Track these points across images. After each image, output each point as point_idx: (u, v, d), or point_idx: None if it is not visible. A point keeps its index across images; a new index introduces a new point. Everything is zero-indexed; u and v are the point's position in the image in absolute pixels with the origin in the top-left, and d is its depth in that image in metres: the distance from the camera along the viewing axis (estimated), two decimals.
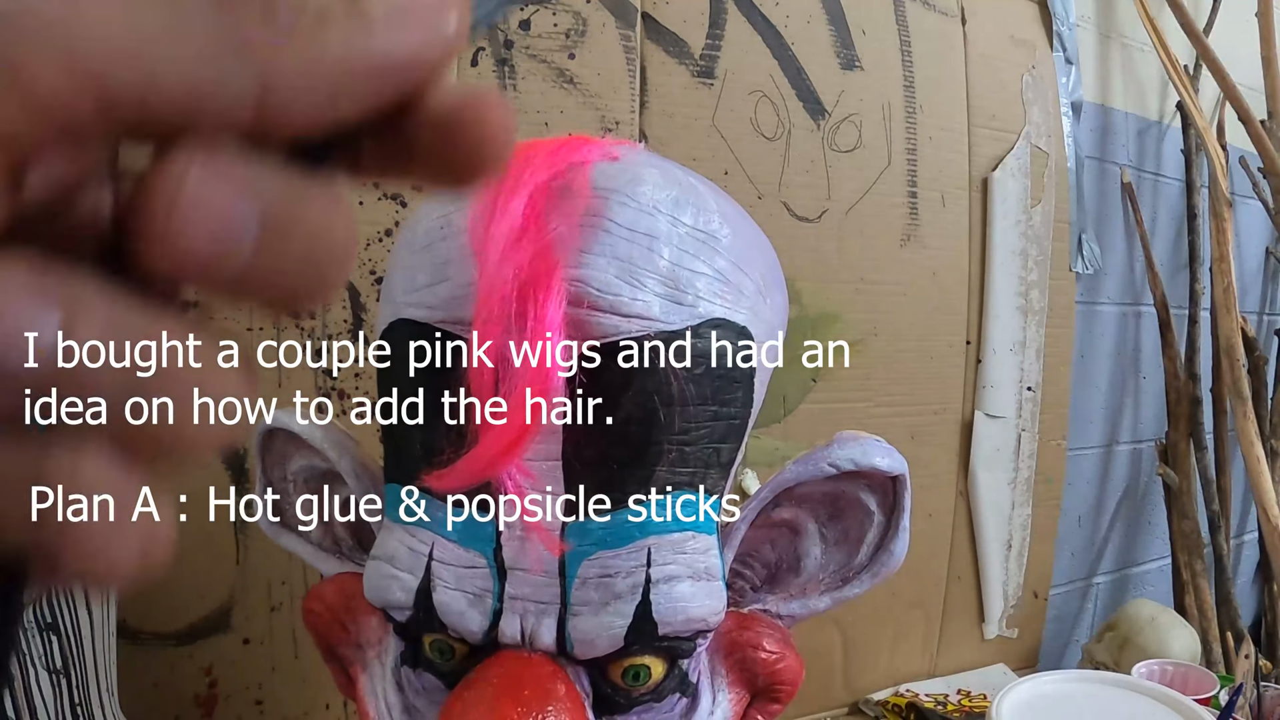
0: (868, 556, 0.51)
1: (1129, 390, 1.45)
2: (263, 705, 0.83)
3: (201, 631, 0.81)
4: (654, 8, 0.93)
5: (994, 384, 1.16)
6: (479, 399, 0.39)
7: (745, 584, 0.53)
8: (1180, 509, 1.34)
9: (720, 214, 0.46)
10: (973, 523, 1.17)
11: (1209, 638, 1.25)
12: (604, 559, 0.42)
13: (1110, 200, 1.36)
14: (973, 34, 1.14)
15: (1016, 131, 1.17)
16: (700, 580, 0.44)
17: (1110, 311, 1.39)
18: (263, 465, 0.56)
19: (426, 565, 0.43)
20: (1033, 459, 1.21)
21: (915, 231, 1.09)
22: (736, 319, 0.44)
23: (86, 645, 0.66)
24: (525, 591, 0.42)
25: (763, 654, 0.49)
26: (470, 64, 0.85)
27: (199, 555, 0.81)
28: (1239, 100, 1.25)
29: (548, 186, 0.42)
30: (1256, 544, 1.49)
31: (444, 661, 0.45)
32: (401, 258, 0.47)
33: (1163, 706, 0.72)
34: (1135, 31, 1.36)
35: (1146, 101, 1.42)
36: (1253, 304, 1.61)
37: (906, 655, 1.15)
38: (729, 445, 0.45)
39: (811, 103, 1.01)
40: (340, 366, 0.83)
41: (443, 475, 0.41)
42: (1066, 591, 1.41)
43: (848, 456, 0.48)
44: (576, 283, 0.41)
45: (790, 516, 0.51)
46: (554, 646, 0.43)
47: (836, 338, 1.04)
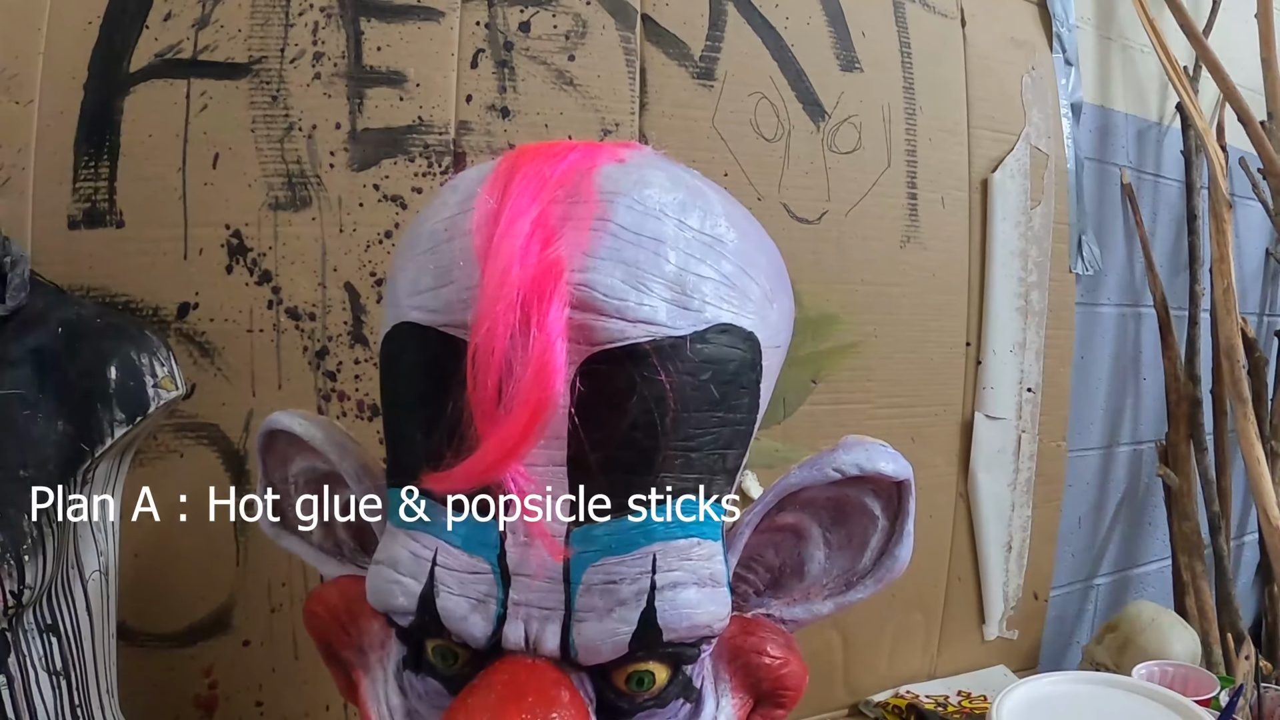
0: (871, 561, 0.51)
1: (1129, 391, 1.45)
2: (262, 706, 0.83)
3: (201, 633, 0.81)
4: (654, 9, 0.93)
5: (994, 385, 1.16)
6: (482, 402, 0.39)
7: (749, 588, 0.53)
8: (1180, 510, 1.34)
9: (727, 218, 0.46)
10: (973, 524, 1.17)
11: (1209, 639, 1.26)
12: (609, 565, 0.42)
13: (1110, 201, 1.36)
14: (972, 35, 1.14)
15: (1016, 133, 1.17)
16: (705, 586, 0.44)
17: (1110, 313, 1.39)
18: (264, 466, 0.56)
19: (430, 570, 0.43)
20: (1033, 460, 1.21)
21: (915, 233, 1.09)
22: (743, 324, 0.44)
23: (86, 646, 0.66)
24: (529, 597, 0.42)
25: (766, 659, 0.49)
26: (470, 66, 0.85)
27: (199, 557, 0.81)
28: (1239, 101, 1.25)
29: (553, 190, 0.42)
30: (1257, 545, 1.49)
31: (447, 667, 0.45)
32: (405, 260, 0.46)
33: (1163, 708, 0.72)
34: (1135, 33, 1.36)
35: (1146, 103, 1.42)
36: (1253, 305, 1.61)
37: (907, 657, 1.15)
38: (734, 451, 0.45)
39: (811, 104, 1.01)
40: (341, 368, 0.83)
41: (444, 477, 0.40)
42: (1067, 593, 1.41)
43: (853, 461, 0.48)
44: (582, 287, 0.40)
45: (794, 521, 0.51)
46: (558, 652, 0.43)
47: (836, 339, 1.04)
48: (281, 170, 0.81)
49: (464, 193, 0.45)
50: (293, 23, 0.81)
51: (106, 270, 0.78)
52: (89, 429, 0.63)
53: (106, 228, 0.78)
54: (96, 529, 0.68)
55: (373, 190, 0.83)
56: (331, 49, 0.81)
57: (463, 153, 0.85)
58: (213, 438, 0.80)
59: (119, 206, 0.78)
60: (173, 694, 0.81)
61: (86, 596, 0.67)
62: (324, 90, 0.81)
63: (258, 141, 0.80)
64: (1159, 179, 1.44)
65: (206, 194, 0.79)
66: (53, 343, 0.64)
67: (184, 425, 0.80)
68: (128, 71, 0.78)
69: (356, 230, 0.82)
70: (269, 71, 0.80)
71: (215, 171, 0.79)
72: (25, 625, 0.61)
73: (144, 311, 0.79)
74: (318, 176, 0.81)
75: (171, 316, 0.79)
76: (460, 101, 0.85)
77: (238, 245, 0.80)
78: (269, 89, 0.80)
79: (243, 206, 0.80)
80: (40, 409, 0.61)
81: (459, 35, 0.85)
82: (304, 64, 0.81)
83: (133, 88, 0.78)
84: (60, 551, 0.62)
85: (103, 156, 0.78)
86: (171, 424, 0.79)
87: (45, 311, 0.66)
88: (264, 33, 0.80)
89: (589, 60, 0.89)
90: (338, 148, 0.82)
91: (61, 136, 0.77)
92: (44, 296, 0.68)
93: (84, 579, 0.67)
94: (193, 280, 0.80)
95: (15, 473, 0.59)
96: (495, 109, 0.86)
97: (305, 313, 0.82)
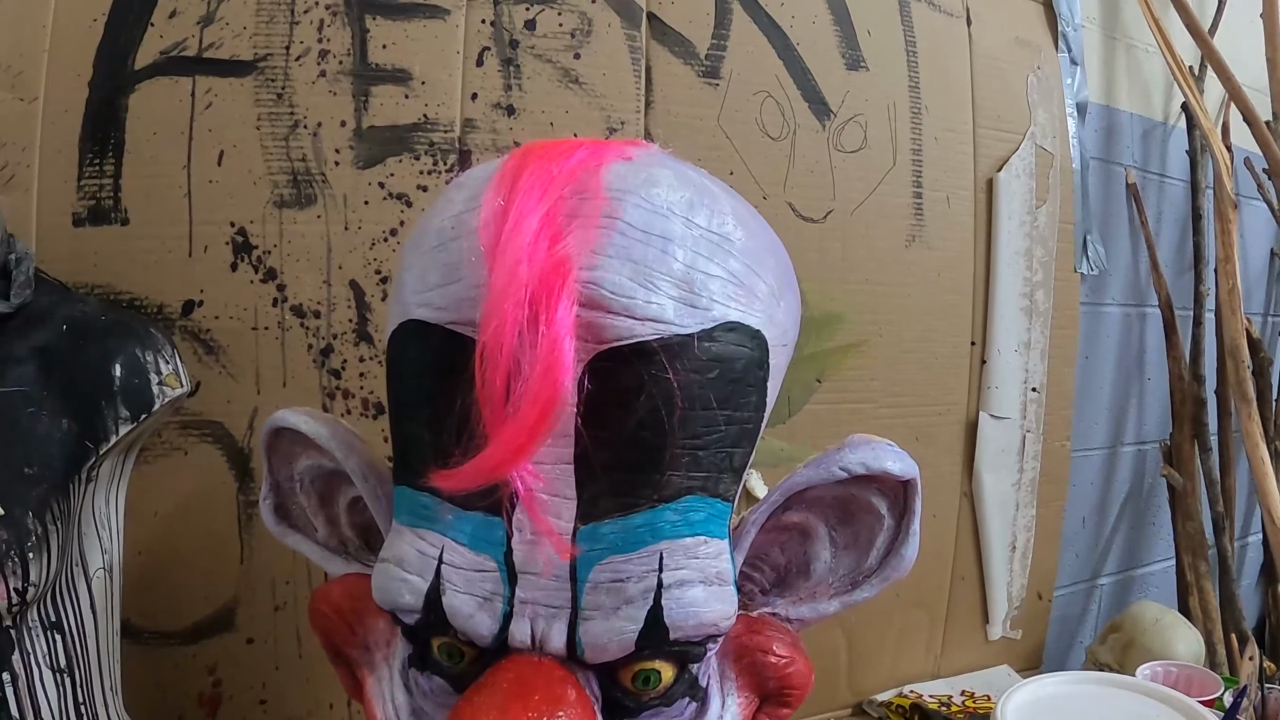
0: (877, 561, 0.51)
1: (1133, 391, 1.44)
2: (266, 704, 0.83)
3: (205, 631, 0.81)
4: (659, 8, 0.92)
5: (998, 385, 1.15)
6: (490, 400, 0.39)
7: (754, 587, 0.53)
8: (1185, 510, 1.34)
9: (734, 216, 0.45)
10: (977, 524, 1.17)
11: (1213, 639, 1.25)
12: (615, 563, 0.42)
13: (1115, 201, 1.36)
14: (978, 35, 1.14)
15: (1021, 132, 1.17)
16: (712, 585, 0.44)
17: (1115, 312, 1.38)
18: (269, 464, 0.56)
19: (436, 568, 0.43)
20: (1037, 460, 1.20)
21: (920, 232, 1.09)
22: (750, 322, 0.44)
23: (90, 644, 0.66)
24: (536, 595, 0.42)
25: (772, 658, 0.49)
26: (476, 64, 0.85)
27: (203, 554, 0.81)
28: (1244, 101, 1.25)
29: (561, 187, 0.42)
30: (1261, 545, 1.49)
31: (453, 665, 0.45)
32: (411, 258, 0.46)
33: (1167, 708, 0.72)
34: (1140, 32, 1.35)
35: (1151, 102, 1.42)
36: (1258, 305, 1.60)
37: (910, 656, 1.15)
38: (742, 449, 0.45)
39: (817, 103, 1.01)
40: (345, 366, 0.83)
41: (451, 475, 0.40)
42: (1071, 593, 1.41)
43: (859, 460, 0.48)
44: (590, 285, 0.40)
45: (800, 520, 0.51)
46: (564, 651, 0.43)
47: (841, 338, 1.04)
48: (286, 168, 0.81)
49: (471, 190, 0.45)
50: (298, 20, 0.81)
51: (111, 268, 0.78)
52: (93, 426, 0.63)
53: (111, 225, 0.78)
54: (101, 526, 0.68)
55: (378, 188, 0.83)
56: (337, 46, 0.81)
57: (468, 150, 0.85)
58: (217, 435, 0.80)
59: (124, 204, 0.78)
60: (176, 692, 0.81)
61: (90, 594, 0.67)
62: (329, 88, 0.81)
63: (263, 139, 0.80)
64: (1164, 179, 1.43)
65: (211, 191, 0.79)
66: (58, 340, 0.64)
67: (188, 423, 0.80)
68: (133, 69, 0.78)
69: (362, 228, 0.82)
70: (274, 69, 0.80)
71: (220, 169, 0.79)
72: (29, 623, 0.61)
73: (149, 309, 0.79)
74: (323, 174, 0.81)
75: (176, 314, 0.79)
76: (466, 99, 0.85)
77: (243, 243, 0.80)
78: (274, 86, 0.80)
79: (248, 204, 0.80)
80: (45, 406, 0.61)
81: (464, 33, 0.85)
82: (309, 61, 0.81)
83: (138, 85, 0.78)
84: (64, 549, 0.62)
85: (107, 154, 0.78)
86: (176, 421, 0.79)
87: (50, 309, 0.66)
88: (269, 30, 0.80)
89: (594, 58, 0.89)
90: (343, 145, 0.82)
91: (66, 134, 0.77)
92: (49, 294, 0.68)
93: (88, 576, 0.67)
94: (197, 278, 0.80)
95: (20, 470, 0.59)
96: (500, 107, 0.86)
97: (310, 310, 0.82)
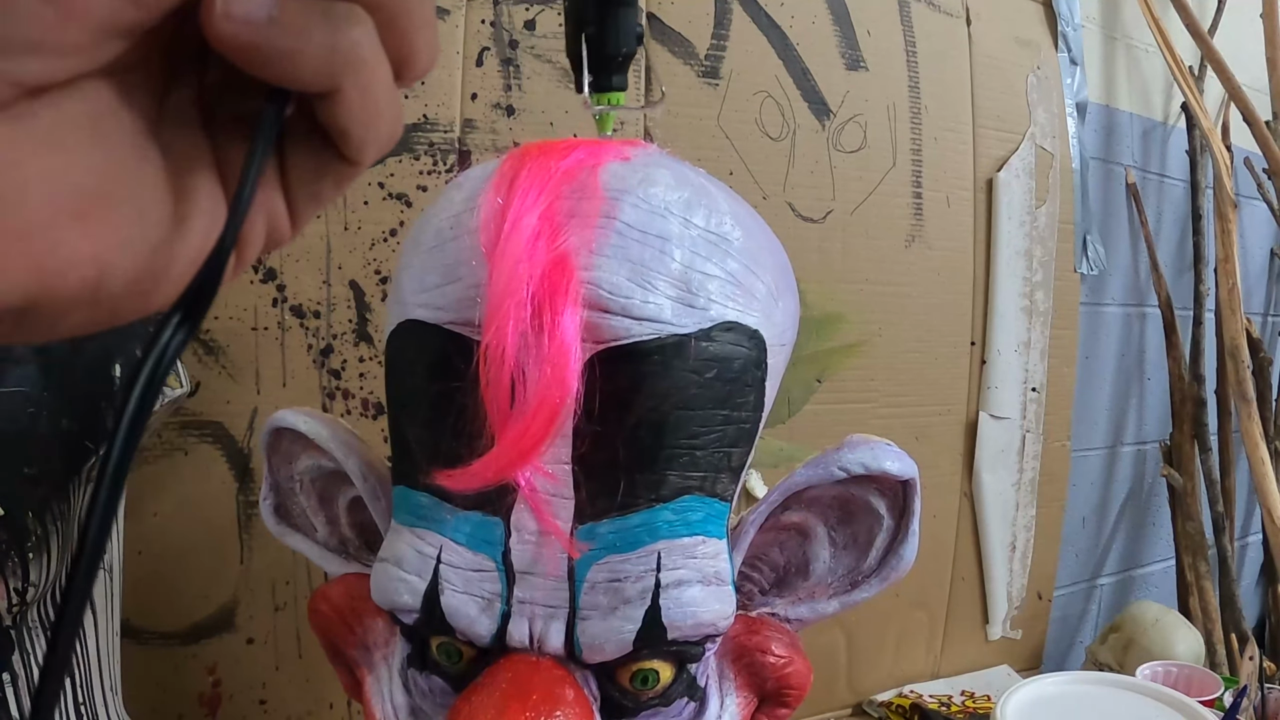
0: (876, 561, 0.51)
1: (1133, 391, 1.44)
2: (266, 705, 0.83)
3: (205, 631, 0.81)
4: (659, 8, 0.92)
5: (998, 385, 1.15)
6: (495, 401, 0.39)
7: (753, 587, 0.52)
8: (1184, 510, 1.34)
9: (732, 216, 0.45)
10: (977, 524, 1.17)
11: (1213, 639, 1.25)
12: (613, 563, 0.42)
13: (1115, 201, 1.36)
14: (978, 35, 1.14)
15: (1021, 132, 1.17)
16: (710, 585, 0.44)
17: (1115, 312, 1.38)
18: (269, 465, 0.56)
19: (434, 568, 0.43)
20: (1037, 460, 1.20)
21: (920, 232, 1.09)
22: (748, 322, 0.44)
23: (90, 644, 0.66)
24: (534, 595, 0.42)
25: (771, 658, 0.49)
26: (476, 64, 0.85)
27: (203, 554, 0.81)
28: (1244, 101, 1.25)
29: (559, 187, 0.42)
30: (1261, 545, 1.49)
31: (451, 664, 0.45)
32: (410, 258, 0.46)
33: (1167, 708, 0.72)
34: (1140, 32, 1.35)
35: (1151, 102, 1.42)
36: (1257, 305, 1.61)
37: (910, 656, 1.15)
38: (740, 449, 0.45)
39: (816, 103, 1.01)
40: (345, 366, 0.83)
41: (458, 475, 0.40)
42: (1070, 593, 1.41)
43: (858, 460, 0.48)
44: (588, 285, 0.40)
45: (799, 520, 0.51)
46: (562, 650, 0.43)
47: (841, 338, 1.04)
48: None
49: (469, 190, 0.45)
50: None
51: None
52: (93, 427, 0.63)
53: None
54: None
55: (378, 188, 0.83)
56: None
57: (468, 150, 0.85)
58: (217, 436, 0.81)
59: None
60: (176, 692, 0.81)
61: (90, 594, 0.67)
62: None
63: None
64: (1164, 179, 1.43)
65: None
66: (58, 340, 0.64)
67: (188, 423, 0.80)
68: None
69: (361, 228, 0.82)
70: None
71: None
72: (29, 623, 0.61)
73: None
74: None
75: None
76: (465, 99, 0.85)
77: None
78: None
79: None
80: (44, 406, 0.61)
81: (464, 33, 0.85)
82: None
83: None
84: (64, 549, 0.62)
85: None
86: (176, 422, 0.79)
87: None
88: None
89: None
90: None
91: None
92: None
93: None
94: None
95: (19, 470, 0.59)
96: (500, 107, 0.86)
97: (310, 311, 0.82)
